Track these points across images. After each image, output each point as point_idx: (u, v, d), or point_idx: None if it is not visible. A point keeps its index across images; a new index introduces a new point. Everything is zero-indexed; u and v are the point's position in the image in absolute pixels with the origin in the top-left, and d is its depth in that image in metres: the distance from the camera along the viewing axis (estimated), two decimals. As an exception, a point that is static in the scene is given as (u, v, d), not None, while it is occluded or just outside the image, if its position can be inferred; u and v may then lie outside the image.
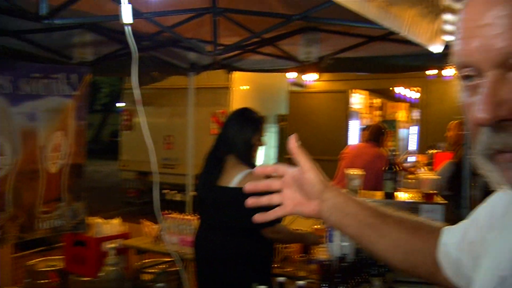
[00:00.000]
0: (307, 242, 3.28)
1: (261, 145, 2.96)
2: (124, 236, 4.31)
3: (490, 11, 0.62)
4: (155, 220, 3.96)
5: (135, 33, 2.18)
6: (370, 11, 1.99)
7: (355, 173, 3.28)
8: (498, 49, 0.61)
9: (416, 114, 12.79)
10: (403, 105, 11.94)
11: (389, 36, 3.67)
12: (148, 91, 6.56)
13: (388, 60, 3.95)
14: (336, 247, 2.93)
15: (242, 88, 8.04)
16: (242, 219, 2.85)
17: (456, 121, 5.55)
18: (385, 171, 3.20)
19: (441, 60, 3.77)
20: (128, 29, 2.15)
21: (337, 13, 2.95)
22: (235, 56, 4.47)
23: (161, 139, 8.56)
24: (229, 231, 2.88)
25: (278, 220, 3.01)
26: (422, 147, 8.74)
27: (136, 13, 2.43)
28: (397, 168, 3.35)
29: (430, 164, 6.72)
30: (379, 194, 3.34)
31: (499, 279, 0.73)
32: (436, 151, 6.75)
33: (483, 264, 0.82)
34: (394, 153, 3.54)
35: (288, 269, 3.30)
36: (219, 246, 2.91)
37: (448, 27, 3.04)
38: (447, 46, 3.07)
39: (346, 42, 3.98)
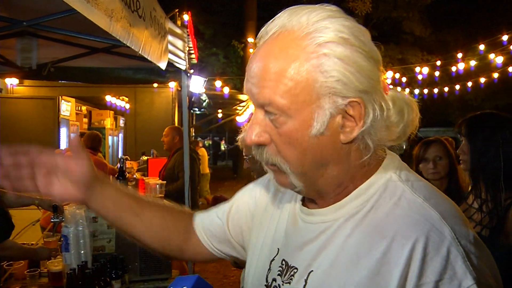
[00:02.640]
0: (40, 257, 3.13)
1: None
2: None
3: (255, 68, 0.91)
4: None
5: None
6: (116, 31, 2.15)
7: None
8: (253, 94, 0.92)
9: (122, 121, 13.16)
10: (110, 112, 12.12)
11: (112, 49, 3.84)
12: None
13: (112, 72, 4.11)
14: (73, 256, 2.93)
15: None
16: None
17: (171, 127, 5.94)
18: (117, 178, 3.35)
19: (165, 75, 4.20)
20: None
21: (60, 22, 2.96)
22: None
23: None
24: None
25: (7, 235, 2.82)
26: (132, 154, 9.13)
27: None
28: (127, 175, 3.55)
29: (143, 170, 7.12)
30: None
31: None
32: (149, 157, 7.16)
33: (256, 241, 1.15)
34: (124, 160, 3.72)
35: (16, 287, 3.08)
36: None
37: (170, 47, 3.44)
38: (169, 63, 3.47)
39: (67, 51, 3.95)
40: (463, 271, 0.80)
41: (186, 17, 7.04)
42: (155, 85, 8.02)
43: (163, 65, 3.11)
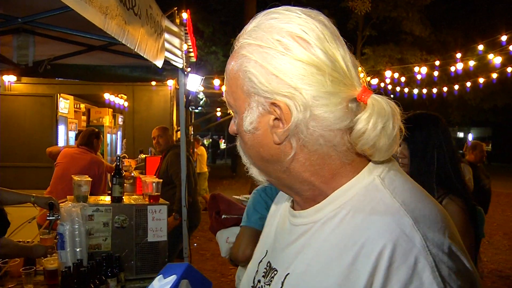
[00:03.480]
0: (36, 255, 3.12)
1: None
2: None
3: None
4: None
5: None
6: (111, 28, 2.15)
7: (82, 179, 3.32)
8: (224, 98, 1.00)
9: (121, 119, 13.17)
10: (109, 110, 12.13)
11: (109, 47, 3.83)
12: None
13: (108, 70, 4.11)
14: (69, 254, 2.93)
15: None
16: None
17: (160, 127, 5.82)
18: (113, 176, 3.34)
19: (161, 73, 4.20)
20: None
21: (57, 19, 2.95)
22: None
23: None
24: None
25: (2, 232, 2.82)
26: (130, 152, 9.13)
27: None
28: (123, 173, 3.53)
29: (141, 168, 7.12)
30: (105, 199, 3.46)
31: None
32: (146, 155, 7.16)
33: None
34: (122, 158, 3.71)
35: (11, 285, 3.07)
36: None
37: (167, 45, 3.44)
38: (166, 61, 3.46)
39: (64, 48, 3.94)
40: (430, 282, 0.76)
41: (185, 15, 7.04)
42: (153, 83, 8.01)
43: (159, 63, 3.11)
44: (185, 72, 4.33)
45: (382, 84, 16.84)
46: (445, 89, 15.74)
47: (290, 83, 0.85)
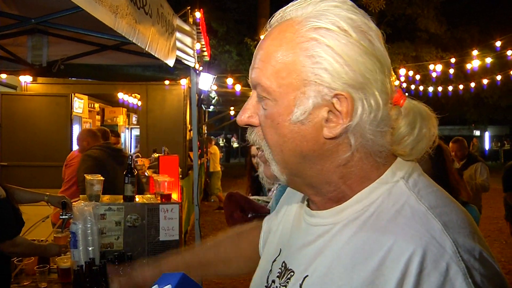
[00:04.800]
0: (50, 254, 3.15)
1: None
2: None
3: (257, 50, 0.91)
4: None
5: None
6: (122, 27, 2.15)
7: (95, 178, 3.34)
8: (251, 79, 0.91)
9: (135, 118, 13.26)
10: (123, 109, 12.23)
11: (121, 46, 3.85)
12: None
13: (121, 69, 4.13)
14: (81, 253, 2.95)
15: None
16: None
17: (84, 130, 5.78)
18: (125, 175, 3.35)
19: (172, 72, 4.21)
20: None
21: (71, 19, 2.96)
22: None
23: None
24: None
25: (17, 232, 2.84)
26: (144, 151, 9.17)
27: None
28: (136, 172, 3.55)
29: (154, 167, 7.15)
30: (119, 198, 3.48)
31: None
32: (160, 154, 7.19)
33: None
34: (133, 157, 3.73)
35: (26, 283, 3.11)
36: None
37: (179, 44, 3.44)
38: (178, 60, 3.47)
39: (77, 48, 3.97)
40: None
41: (198, 14, 7.05)
42: (167, 82, 8.04)
43: (170, 62, 3.11)
44: (197, 71, 4.33)
45: (397, 82, 16.71)
46: (461, 86, 15.52)
47: (363, 76, 0.82)
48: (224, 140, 33.69)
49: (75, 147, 7.75)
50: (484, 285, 0.76)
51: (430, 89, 16.31)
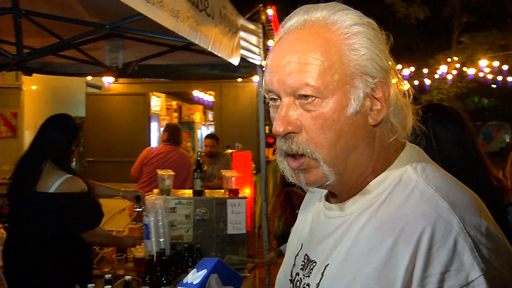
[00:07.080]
0: (126, 245, 3.36)
1: (79, 151, 3.00)
2: None
3: (285, 56, 0.91)
4: None
5: None
6: (183, 30, 2.25)
7: (166, 173, 3.51)
8: (283, 82, 0.91)
9: (211, 115, 13.64)
10: (199, 107, 12.61)
11: (190, 47, 4.00)
12: None
13: (190, 68, 4.30)
14: (153, 243, 3.13)
15: (33, 89, 7.48)
16: (59, 225, 2.84)
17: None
18: (194, 171, 3.50)
19: (238, 71, 4.31)
20: None
21: (142, 23, 3.13)
22: (34, 58, 4.24)
23: None
24: (43, 239, 2.84)
25: (97, 223, 3.07)
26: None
27: None
28: (204, 167, 3.68)
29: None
30: (188, 192, 3.63)
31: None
32: (233, 150, 7.34)
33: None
34: (201, 153, 3.87)
35: (106, 270, 3.34)
36: (32, 256, 2.84)
37: (243, 43, 3.52)
38: (243, 59, 3.55)
39: (150, 50, 4.17)
40: (471, 262, 0.79)
41: (270, 11, 7.09)
42: (239, 80, 8.19)
43: (235, 61, 3.19)
44: (263, 68, 4.39)
45: (481, 74, 15.77)
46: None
47: (388, 64, 0.92)
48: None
49: (153, 143, 8.17)
50: (491, 258, 0.81)
51: (519, 79, 15.26)
